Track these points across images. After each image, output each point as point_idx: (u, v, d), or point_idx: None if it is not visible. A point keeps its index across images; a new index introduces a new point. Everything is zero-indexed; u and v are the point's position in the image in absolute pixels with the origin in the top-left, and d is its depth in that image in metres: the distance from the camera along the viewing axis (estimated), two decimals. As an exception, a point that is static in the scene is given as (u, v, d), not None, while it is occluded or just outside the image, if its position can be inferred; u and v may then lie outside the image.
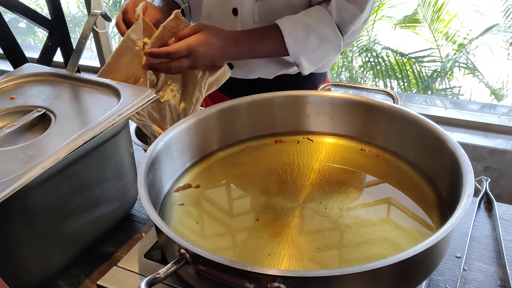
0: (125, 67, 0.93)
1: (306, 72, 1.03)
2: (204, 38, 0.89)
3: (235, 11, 1.02)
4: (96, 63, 2.95)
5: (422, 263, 0.59)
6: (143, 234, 0.85)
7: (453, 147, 0.72)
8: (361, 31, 1.09)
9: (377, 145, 0.87)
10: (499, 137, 2.17)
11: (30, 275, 0.73)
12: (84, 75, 0.89)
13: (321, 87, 0.95)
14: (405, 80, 2.80)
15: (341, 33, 0.99)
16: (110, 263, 0.80)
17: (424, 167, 0.80)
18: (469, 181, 0.64)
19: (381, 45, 2.85)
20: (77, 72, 0.97)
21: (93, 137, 0.71)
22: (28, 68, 0.93)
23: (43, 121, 0.79)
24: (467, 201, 0.60)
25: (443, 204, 0.74)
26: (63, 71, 0.90)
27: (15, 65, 1.48)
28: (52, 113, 0.78)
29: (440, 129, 0.77)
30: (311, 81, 1.12)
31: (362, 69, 2.91)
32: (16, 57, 1.42)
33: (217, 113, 0.85)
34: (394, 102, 0.87)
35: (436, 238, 0.56)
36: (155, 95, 0.80)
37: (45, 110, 0.79)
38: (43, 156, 0.66)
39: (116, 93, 0.81)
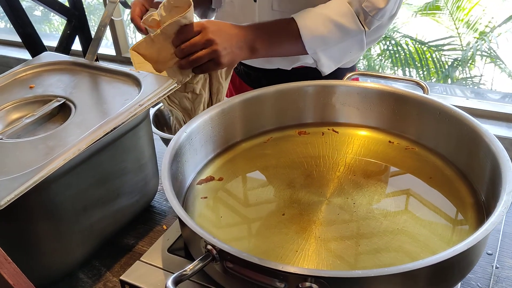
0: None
1: (326, 70, 0.95)
2: (215, 26, 0.83)
3: None
4: (111, 51, 2.93)
5: (460, 264, 0.56)
6: (164, 226, 0.84)
7: (490, 141, 0.69)
8: (387, 27, 1.03)
9: (407, 138, 0.84)
10: (522, 128, 2.12)
11: (51, 268, 0.72)
12: (103, 63, 0.87)
13: (347, 76, 0.92)
14: (424, 69, 2.74)
15: (363, 26, 0.91)
16: (131, 256, 0.79)
17: (457, 162, 0.77)
18: (509, 177, 0.60)
19: (400, 32, 2.79)
20: (96, 61, 0.95)
21: (115, 128, 0.69)
22: (47, 56, 0.91)
23: (63, 111, 0.77)
24: (508, 199, 0.57)
25: (478, 201, 0.70)
26: (82, 60, 0.89)
27: (34, 54, 1.47)
28: (72, 103, 0.77)
29: (475, 121, 0.73)
30: (334, 76, 1.08)
31: (380, 57, 2.86)
32: (35, 45, 1.41)
33: (241, 103, 0.83)
34: (424, 93, 0.84)
35: (476, 238, 0.53)
36: (176, 85, 0.77)
37: (64, 100, 0.78)
38: (64, 147, 0.65)
39: (137, 83, 0.79)
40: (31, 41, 1.39)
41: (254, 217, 0.71)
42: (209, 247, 0.54)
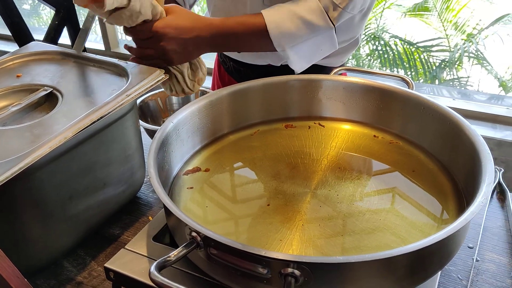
0: None
1: (297, 68, 0.92)
2: (171, 20, 0.82)
3: None
4: (101, 46, 2.92)
5: (439, 253, 0.57)
6: (150, 217, 0.84)
7: (471, 134, 0.70)
8: (360, 28, 1.00)
9: (391, 132, 0.86)
10: (507, 128, 2.15)
11: (36, 257, 0.72)
12: (91, 55, 0.87)
13: (334, 71, 0.93)
14: (412, 70, 2.77)
15: (332, 23, 0.88)
16: (117, 246, 0.79)
17: (440, 155, 0.78)
18: (489, 169, 0.62)
19: (389, 33, 2.81)
20: (84, 51, 0.95)
21: (101, 117, 0.69)
22: (35, 46, 0.91)
23: (50, 100, 0.77)
24: (487, 190, 0.59)
25: (459, 194, 0.72)
26: (70, 50, 0.89)
27: (22, 45, 1.46)
28: (59, 92, 0.77)
29: (458, 115, 0.75)
30: (323, 73, 1.07)
31: (369, 57, 2.88)
32: (23, 36, 1.39)
33: (228, 96, 0.83)
34: (409, 88, 0.85)
35: (455, 226, 0.54)
36: (163, 76, 0.78)
37: (52, 89, 0.78)
38: (50, 135, 0.65)
39: (124, 73, 0.79)
40: (19, 32, 1.38)
41: (240, 207, 0.72)
42: (193, 234, 0.55)
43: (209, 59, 2.94)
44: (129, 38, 0.88)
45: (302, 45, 0.89)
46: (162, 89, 1.10)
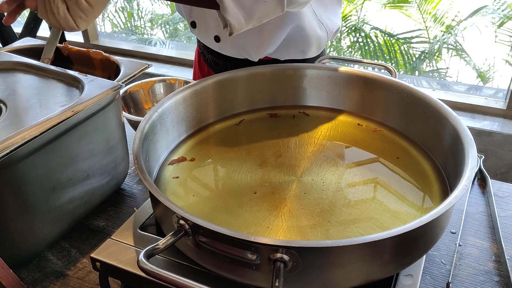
0: None
1: (231, 18, 0.73)
2: None
3: None
4: (80, 38, 2.88)
5: (425, 236, 0.58)
6: (135, 208, 0.84)
7: (454, 121, 0.71)
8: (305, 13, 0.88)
9: (375, 120, 0.86)
10: (485, 118, 2.19)
11: (20, 249, 0.71)
12: (52, 66, 0.83)
13: (317, 61, 0.93)
14: (393, 61, 2.79)
15: None
16: (102, 237, 0.78)
17: (423, 142, 0.79)
18: (472, 154, 0.63)
19: (370, 25, 2.83)
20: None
21: (27, 141, 0.63)
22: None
23: None
24: (471, 174, 0.60)
25: (442, 179, 0.73)
26: (33, 61, 0.84)
27: (2, 40, 1.41)
28: (5, 106, 0.72)
29: (440, 102, 0.76)
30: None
31: (350, 49, 2.90)
32: (6, 33, 1.35)
33: (213, 84, 0.83)
34: (392, 76, 0.86)
35: (441, 210, 0.55)
36: (123, 88, 0.75)
37: None
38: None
39: (80, 86, 0.76)
40: (1, 28, 1.33)
41: (226, 196, 0.72)
42: (181, 221, 0.55)
43: (190, 51, 2.92)
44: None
45: None
46: (145, 80, 1.09)
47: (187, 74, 2.52)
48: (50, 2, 0.71)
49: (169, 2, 3.32)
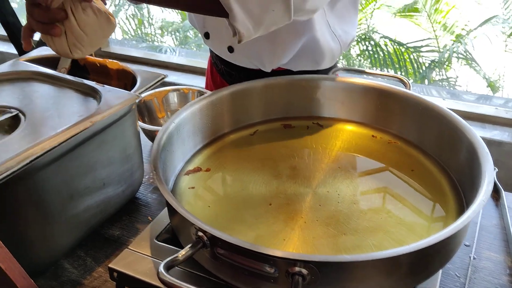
0: None
1: (240, 27, 0.74)
2: None
3: None
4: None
5: (442, 251, 0.58)
6: (149, 217, 0.84)
7: (470, 134, 0.71)
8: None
9: (389, 132, 0.86)
10: (495, 128, 2.18)
11: (38, 257, 0.71)
12: (68, 76, 0.83)
13: (331, 72, 0.94)
14: (402, 70, 2.79)
15: None
16: (116, 247, 0.79)
17: (438, 155, 0.79)
18: (489, 168, 0.63)
19: (379, 33, 2.84)
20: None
21: (46, 152, 0.64)
22: (13, 65, 0.87)
23: (14, 123, 0.73)
24: (488, 188, 0.60)
25: (458, 193, 0.73)
26: (49, 71, 0.85)
27: (18, 46, 1.41)
28: (24, 115, 0.73)
29: (455, 115, 0.76)
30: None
31: (359, 57, 2.90)
32: (19, 38, 1.35)
33: (229, 95, 0.84)
34: (406, 88, 0.86)
35: (458, 225, 0.55)
36: (140, 99, 0.75)
37: (17, 112, 0.74)
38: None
39: (98, 96, 0.76)
40: (15, 32, 1.34)
41: (242, 207, 0.72)
42: (199, 233, 0.55)
43: (200, 58, 2.93)
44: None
45: None
46: (159, 89, 1.10)
47: (197, 81, 2.53)
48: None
49: (179, 10, 3.34)
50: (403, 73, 2.82)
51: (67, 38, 0.75)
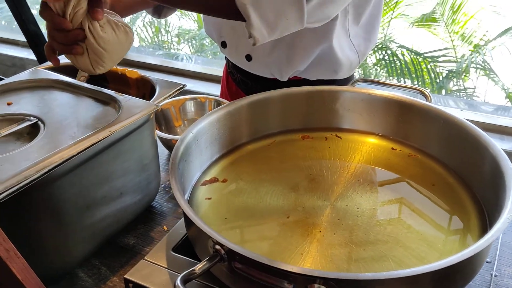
0: None
1: (256, 34, 0.78)
2: None
3: None
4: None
5: (464, 270, 0.57)
6: (165, 227, 0.84)
7: (493, 149, 0.70)
8: (335, 7, 0.85)
9: (410, 145, 0.85)
10: (515, 140, 2.15)
11: (53, 266, 0.71)
12: (88, 85, 0.83)
13: (350, 83, 0.93)
14: (419, 80, 2.77)
15: None
16: (131, 256, 0.78)
17: (459, 169, 0.78)
18: (514, 185, 0.61)
19: (396, 43, 2.82)
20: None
21: (65, 161, 0.64)
22: (33, 73, 0.88)
23: (33, 131, 0.73)
24: (513, 206, 0.58)
25: (480, 209, 0.71)
26: (68, 79, 0.85)
27: (37, 53, 1.42)
28: (43, 124, 0.73)
29: (478, 129, 0.74)
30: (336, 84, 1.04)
31: (376, 67, 2.89)
32: (39, 45, 1.37)
33: (247, 105, 0.83)
34: (427, 101, 0.85)
35: (482, 244, 0.53)
36: (158, 108, 0.75)
37: (37, 120, 0.74)
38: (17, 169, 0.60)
39: (117, 106, 0.77)
40: (35, 40, 1.35)
41: (259, 219, 0.71)
42: (217, 247, 0.54)
43: (216, 66, 2.94)
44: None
45: (266, 4, 0.77)
46: (176, 98, 1.10)
47: (213, 89, 2.54)
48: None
49: (196, 18, 3.37)
50: (420, 83, 2.79)
51: (89, 55, 0.77)
